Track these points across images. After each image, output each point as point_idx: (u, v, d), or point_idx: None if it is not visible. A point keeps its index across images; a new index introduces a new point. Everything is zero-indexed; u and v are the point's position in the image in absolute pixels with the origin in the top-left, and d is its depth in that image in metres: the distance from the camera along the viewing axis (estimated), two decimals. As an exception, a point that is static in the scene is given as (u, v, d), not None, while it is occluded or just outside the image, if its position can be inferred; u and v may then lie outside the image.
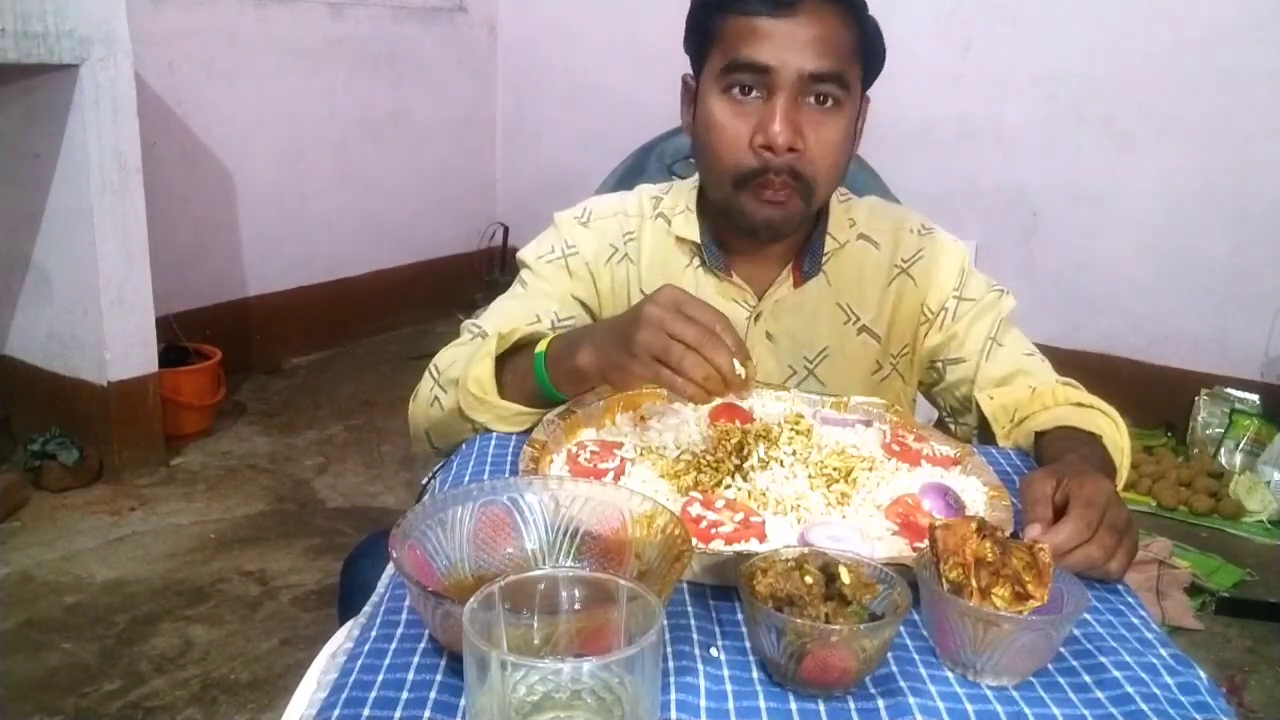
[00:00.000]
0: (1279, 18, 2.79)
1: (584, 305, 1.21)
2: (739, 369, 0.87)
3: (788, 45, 1.03)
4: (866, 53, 1.09)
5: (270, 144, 3.38)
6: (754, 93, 1.06)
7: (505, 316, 1.15)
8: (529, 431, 0.99)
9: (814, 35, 1.03)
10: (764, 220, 1.10)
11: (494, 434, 1.04)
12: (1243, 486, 2.72)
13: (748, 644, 0.71)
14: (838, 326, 1.21)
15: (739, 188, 1.09)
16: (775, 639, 0.66)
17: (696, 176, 1.23)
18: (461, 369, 1.05)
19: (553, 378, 0.99)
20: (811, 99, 1.06)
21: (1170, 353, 3.08)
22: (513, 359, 1.04)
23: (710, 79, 1.09)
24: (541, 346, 1.01)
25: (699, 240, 1.19)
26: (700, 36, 1.10)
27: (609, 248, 1.22)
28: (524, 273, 1.23)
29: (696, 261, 1.21)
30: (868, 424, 1.05)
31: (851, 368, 1.22)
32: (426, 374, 1.13)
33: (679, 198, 1.23)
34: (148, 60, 2.80)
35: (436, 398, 1.09)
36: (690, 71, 1.15)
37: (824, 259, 1.20)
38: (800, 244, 1.19)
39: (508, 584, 0.59)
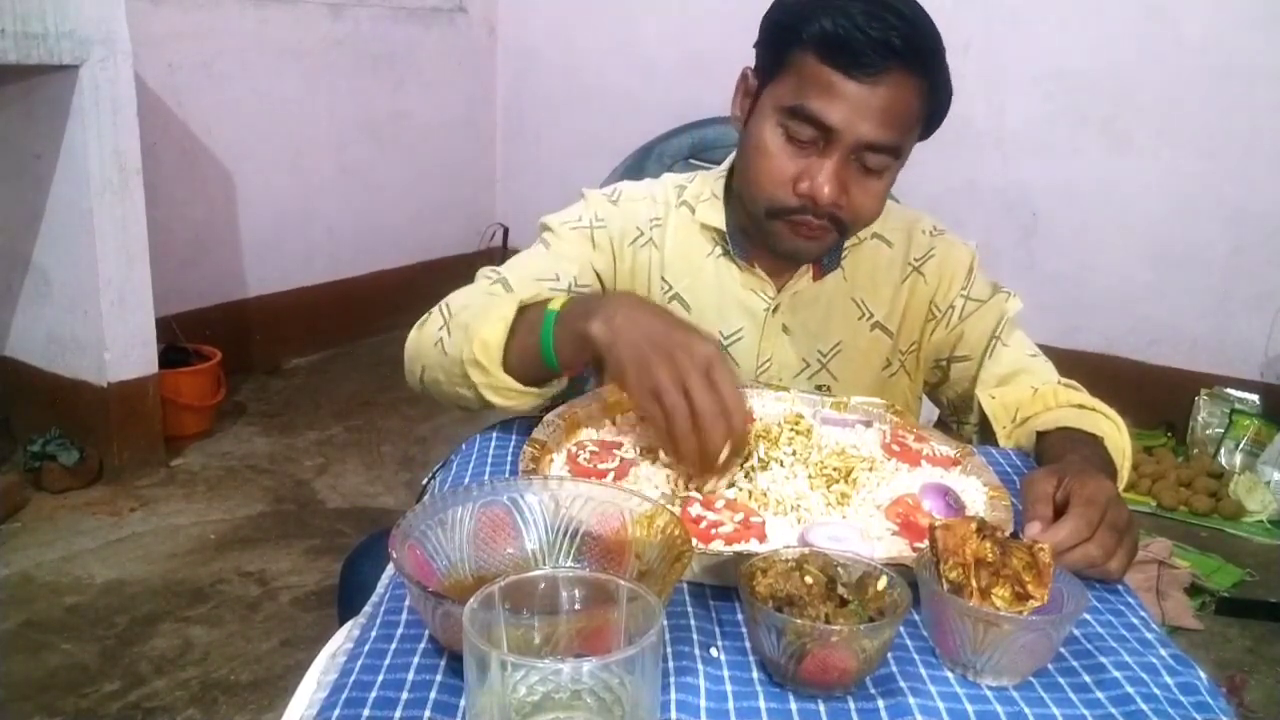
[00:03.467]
0: (1279, 18, 2.79)
1: (600, 279, 1.21)
2: (722, 457, 0.86)
3: (857, 111, 1.01)
4: (932, 115, 1.08)
5: (270, 144, 3.38)
6: (809, 142, 1.04)
7: (527, 269, 1.15)
8: (529, 431, 0.99)
9: (885, 105, 1.01)
10: (794, 250, 1.12)
11: (494, 434, 1.04)
12: (1243, 486, 2.72)
13: (748, 644, 0.71)
14: (852, 322, 1.22)
15: (773, 216, 1.09)
16: (775, 639, 0.66)
17: (724, 165, 1.22)
18: (473, 318, 1.02)
19: (557, 337, 0.96)
20: (863, 162, 1.05)
21: (1170, 353, 3.08)
22: (525, 313, 1.00)
23: (772, 102, 1.06)
24: (556, 304, 0.98)
25: (724, 229, 1.19)
26: (775, 53, 1.07)
27: (635, 230, 1.22)
28: (546, 234, 1.22)
29: (719, 250, 1.21)
30: (868, 424, 1.05)
31: (864, 363, 1.23)
32: (437, 311, 1.09)
33: (704, 185, 1.23)
34: (148, 61, 2.80)
35: (441, 339, 1.06)
36: (752, 67, 1.11)
37: (842, 254, 1.21)
38: None
39: (508, 584, 0.59)
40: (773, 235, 1.11)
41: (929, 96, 1.05)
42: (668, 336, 0.88)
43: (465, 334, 1.01)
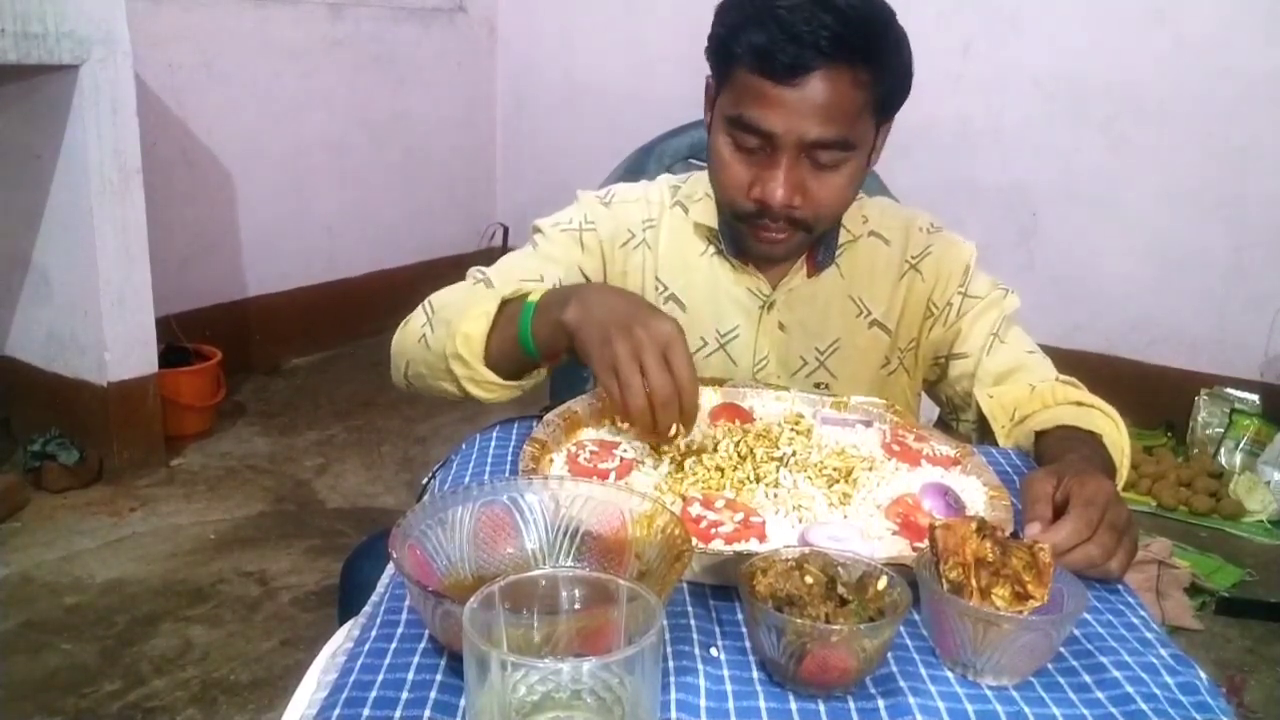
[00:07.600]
0: (1279, 18, 2.79)
1: (587, 281, 1.21)
2: (674, 430, 0.91)
3: (792, 113, 1.02)
4: (885, 97, 1.07)
5: (270, 144, 3.37)
6: (756, 148, 1.06)
7: (512, 270, 1.17)
8: (529, 431, 0.99)
9: (821, 103, 1.02)
10: (762, 253, 1.14)
11: (494, 434, 1.04)
12: (1243, 486, 2.72)
13: (748, 644, 0.71)
14: (849, 319, 1.22)
15: (738, 220, 1.12)
16: (775, 639, 0.66)
17: None
18: (456, 313, 1.05)
19: (534, 325, 0.99)
20: (815, 160, 1.06)
21: (1170, 353, 3.08)
22: (507, 307, 1.04)
23: (720, 112, 1.09)
24: (535, 296, 1.02)
25: (716, 227, 1.20)
26: (718, 66, 1.09)
27: (626, 232, 1.23)
28: (536, 236, 1.24)
29: (713, 249, 1.22)
30: (868, 424, 1.05)
31: (862, 361, 1.23)
32: (421, 309, 1.14)
33: (698, 185, 1.24)
34: (148, 60, 2.80)
35: (425, 334, 1.10)
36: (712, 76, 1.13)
37: (838, 251, 1.21)
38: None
39: (508, 584, 0.59)
40: (740, 237, 1.15)
41: (873, 83, 1.04)
42: (630, 315, 0.92)
43: (448, 329, 1.05)
